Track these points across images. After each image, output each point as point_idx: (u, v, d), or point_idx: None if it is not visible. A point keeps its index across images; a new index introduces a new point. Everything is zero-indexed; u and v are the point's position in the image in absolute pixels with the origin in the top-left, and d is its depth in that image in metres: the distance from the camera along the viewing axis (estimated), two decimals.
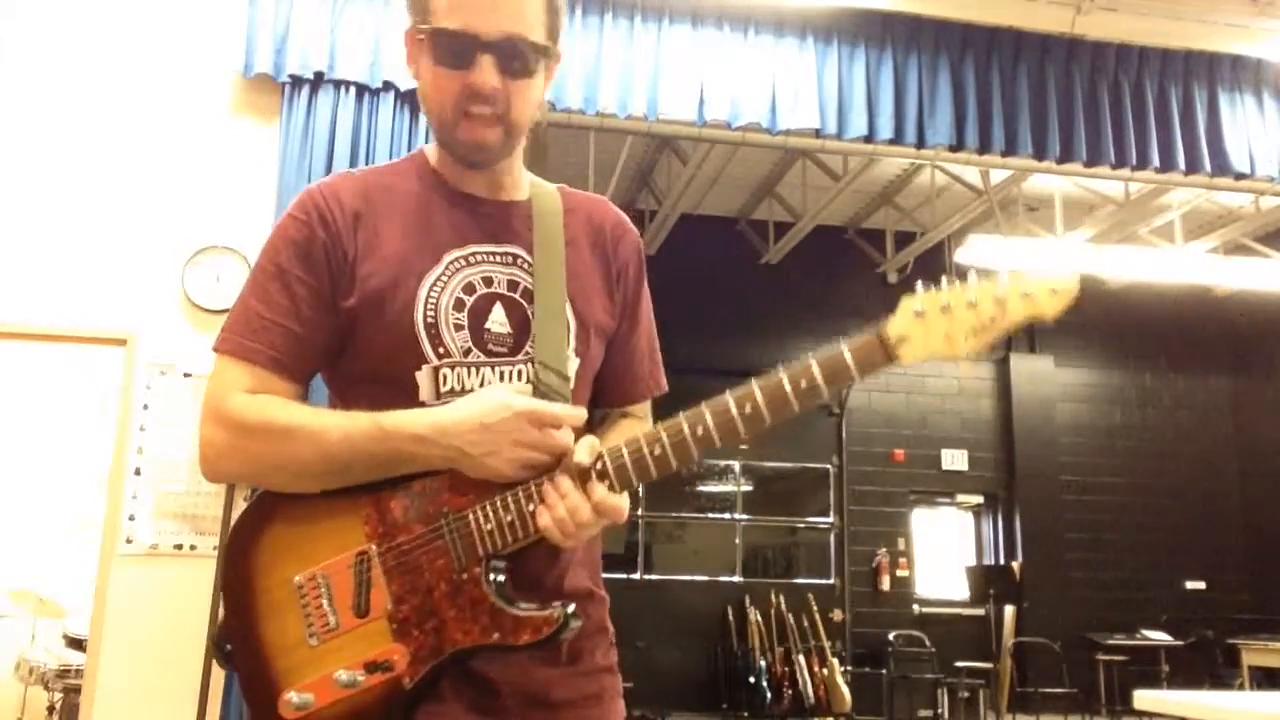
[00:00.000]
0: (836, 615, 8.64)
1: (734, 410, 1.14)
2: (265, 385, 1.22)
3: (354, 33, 4.45)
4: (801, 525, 9.07)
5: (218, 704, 3.96)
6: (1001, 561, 9.30)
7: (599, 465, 1.16)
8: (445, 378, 1.24)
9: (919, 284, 1.16)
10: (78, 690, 4.70)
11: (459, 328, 1.25)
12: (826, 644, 8.26)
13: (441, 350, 1.24)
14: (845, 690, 7.98)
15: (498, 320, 1.27)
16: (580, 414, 1.20)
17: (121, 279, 4.28)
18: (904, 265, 8.94)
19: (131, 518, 4.11)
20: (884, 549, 9.07)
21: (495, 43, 1.22)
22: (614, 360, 1.39)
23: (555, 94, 4.57)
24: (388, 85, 4.45)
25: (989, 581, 8.51)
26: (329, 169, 4.34)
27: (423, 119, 4.48)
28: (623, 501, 1.16)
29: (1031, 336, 9.60)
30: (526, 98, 1.26)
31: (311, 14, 4.44)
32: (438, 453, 1.16)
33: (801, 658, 8.17)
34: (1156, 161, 5.10)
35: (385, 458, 1.17)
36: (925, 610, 9.04)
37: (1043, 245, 7.63)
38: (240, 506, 4.35)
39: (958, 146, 4.99)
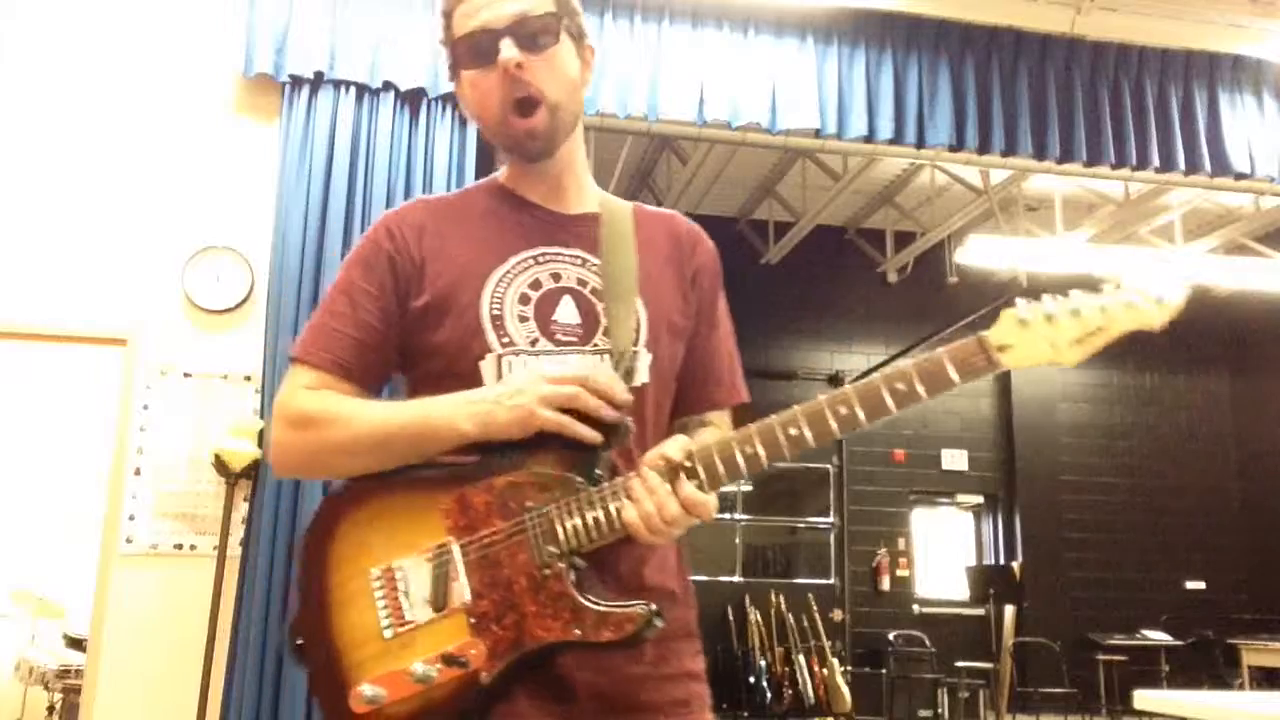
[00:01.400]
0: (836, 615, 8.63)
1: (828, 412, 1.14)
2: (327, 387, 1.29)
3: (354, 33, 4.44)
4: (801, 525, 9.06)
5: (218, 704, 3.95)
6: (1001, 561, 9.30)
7: (689, 462, 1.15)
8: (510, 365, 1.26)
9: (1018, 299, 1.15)
10: (78, 690, 4.70)
11: (524, 319, 1.27)
12: (826, 644, 8.26)
13: (506, 340, 1.26)
14: (845, 690, 7.98)
15: (566, 312, 1.29)
16: (622, 388, 1.21)
17: (121, 279, 4.28)
18: (904, 265, 8.94)
19: (131, 518, 4.12)
20: (884, 549, 9.07)
21: (507, 26, 1.28)
22: (694, 363, 1.39)
23: None
24: (388, 85, 4.45)
25: (989, 581, 8.50)
26: (329, 169, 4.34)
27: (423, 119, 4.49)
28: (711, 500, 1.15)
29: None
30: (554, 69, 1.31)
31: (311, 14, 4.44)
32: (466, 411, 1.20)
33: (801, 658, 8.17)
34: (1156, 161, 5.09)
35: (419, 425, 1.21)
36: (925, 610, 9.04)
37: (1043, 245, 7.63)
38: (240, 506, 4.36)
39: (958, 146, 4.98)
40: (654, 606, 1.15)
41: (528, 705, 1.17)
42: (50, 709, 5.67)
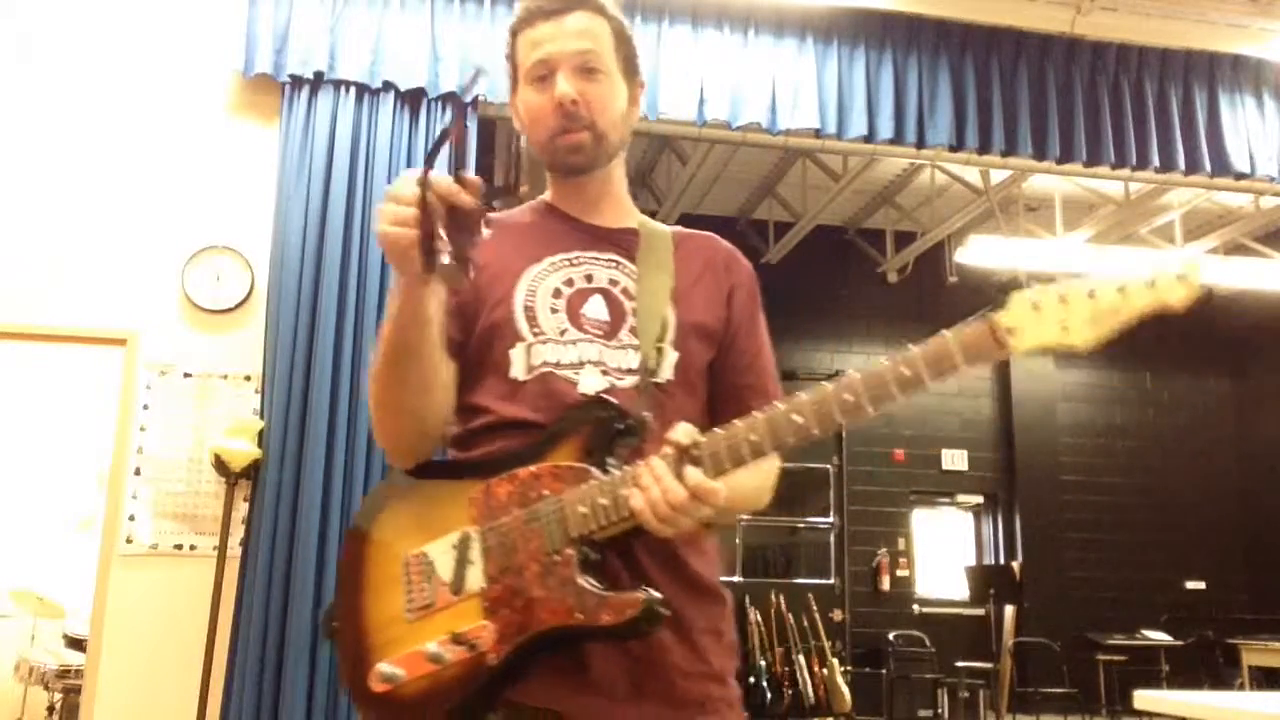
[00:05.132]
0: (836, 615, 8.63)
1: (832, 398, 1.14)
2: None
3: (354, 33, 4.45)
4: (801, 525, 9.05)
5: (218, 704, 3.96)
6: (1001, 561, 9.29)
7: (695, 451, 1.16)
8: (538, 353, 1.32)
9: (1034, 284, 1.11)
10: (78, 690, 4.70)
11: (554, 311, 1.33)
12: (826, 644, 8.25)
13: (537, 330, 1.33)
14: (845, 690, 7.98)
15: (595, 308, 1.34)
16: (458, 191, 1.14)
17: (121, 279, 4.28)
18: (904, 265, 8.94)
19: (131, 518, 4.12)
20: (884, 549, 9.06)
21: (568, 57, 1.36)
22: (735, 375, 1.42)
23: None
24: (388, 85, 4.45)
25: (989, 581, 8.50)
26: (329, 169, 4.34)
27: (423, 119, 4.49)
28: (719, 487, 1.15)
29: None
30: (604, 98, 1.38)
31: (311, 14, 4.44)
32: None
33: (801, 658, 8.16)
34: (1156, 161, 5.09)
35: (395, 302, 1.22)
36: (925, 610, 9.04)
37: (1043, 245, 7.63)
38: (240, 507, 4.37)
39: (958, 146, 4.98)
40: (657, 595, 1.16)
41: (541, 687, 1.20)
42: (50, 709, 5.67)
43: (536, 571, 1.19)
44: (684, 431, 1.17)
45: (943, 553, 9.57)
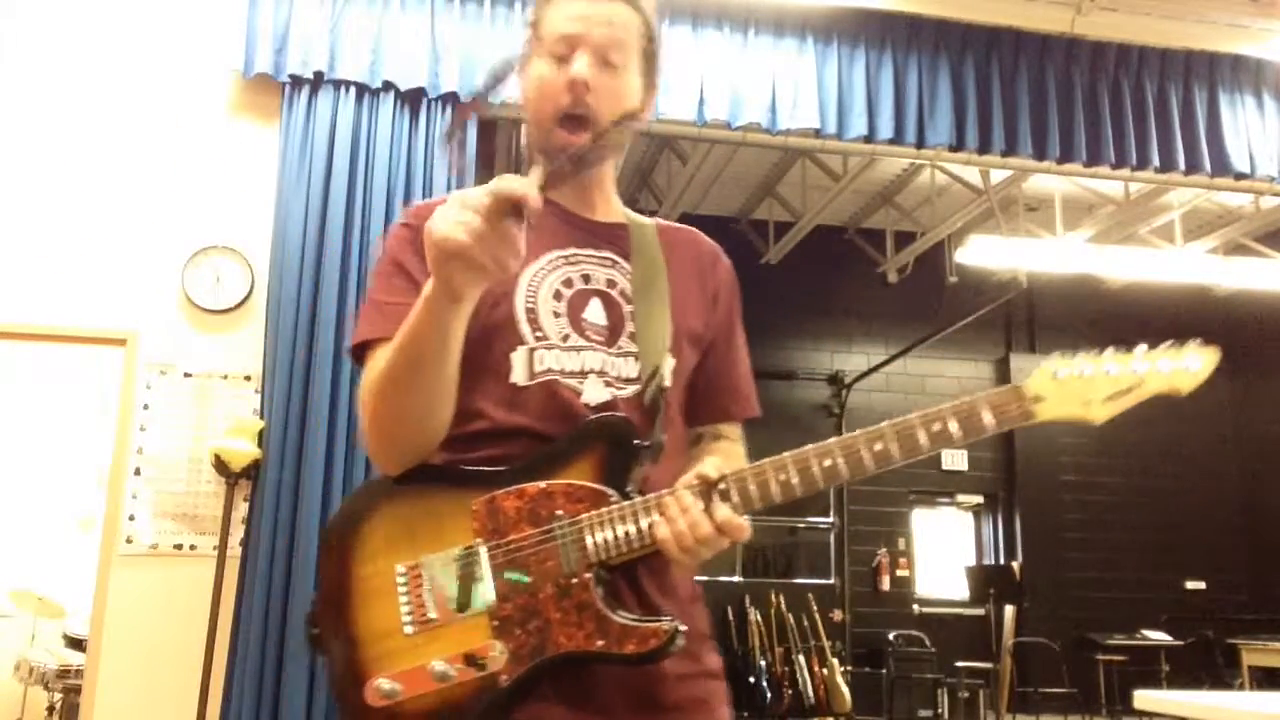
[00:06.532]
0: (836, 615, 8.63)
1: (862, 447, 1.19)
2: None
3: (354, 33, 4.45)
4: (801, 525, 9.06)
5: (218, 704, 3.96)
6: (1001, 561, 9.29)
7: (723, 485, 1.16)
8: (541, 358, 1.27)
9: (1057, 353, 1.22)
10: (78, 690, 4.70)
11: (557, 315, 1.29)
12: (826, 644, 8.26)
13: (539, 334, 1.28)
14: (845, 690, 7.98)
15: (595, 313, 1.31)
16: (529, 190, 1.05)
17: (121, 279, 4.28)
18: (904, 265, 8.94)
19: (131, 518, 4.12)
20: (884, 549, 9.07)
21: (593, 41, 1.30)
22: (712, 375, 1.41)
23: None
24: (388, 85, 4.45)
25: (989, 581, 8.49)
26: (329, 169, 4.35)
27: (423, 119, 4.49)
28: (745, 522, 1.16)
29: (1031, 336, 9.61)
30: (616, 94, 1.31)
31: (311, 14, 4.44)
32: (433, 276, 1.09)
33: (801, 658, 8.16)
34: (1156, 161, 5.09)
35: (423, 313, 1.12)
36: (925, 610, 9.04)
37: (1043, 245, 7.63)
38: (240, 506, 4.36)
39: (958, 146, 4.98)
40: (679, 624, 1.16)
41: (552, 703, 1.18)
42: (50, 709, 5.67)
43: (552, 594, 1.16)
44: (713, 465, 1.17)
45: (943, 553, 9.57)
